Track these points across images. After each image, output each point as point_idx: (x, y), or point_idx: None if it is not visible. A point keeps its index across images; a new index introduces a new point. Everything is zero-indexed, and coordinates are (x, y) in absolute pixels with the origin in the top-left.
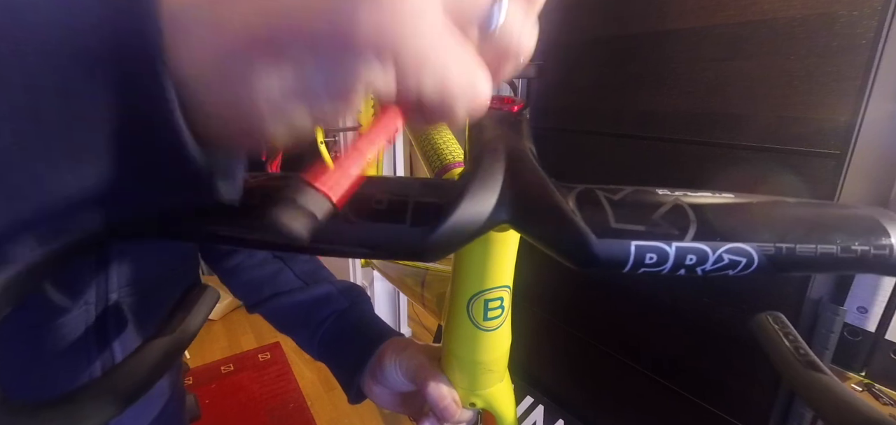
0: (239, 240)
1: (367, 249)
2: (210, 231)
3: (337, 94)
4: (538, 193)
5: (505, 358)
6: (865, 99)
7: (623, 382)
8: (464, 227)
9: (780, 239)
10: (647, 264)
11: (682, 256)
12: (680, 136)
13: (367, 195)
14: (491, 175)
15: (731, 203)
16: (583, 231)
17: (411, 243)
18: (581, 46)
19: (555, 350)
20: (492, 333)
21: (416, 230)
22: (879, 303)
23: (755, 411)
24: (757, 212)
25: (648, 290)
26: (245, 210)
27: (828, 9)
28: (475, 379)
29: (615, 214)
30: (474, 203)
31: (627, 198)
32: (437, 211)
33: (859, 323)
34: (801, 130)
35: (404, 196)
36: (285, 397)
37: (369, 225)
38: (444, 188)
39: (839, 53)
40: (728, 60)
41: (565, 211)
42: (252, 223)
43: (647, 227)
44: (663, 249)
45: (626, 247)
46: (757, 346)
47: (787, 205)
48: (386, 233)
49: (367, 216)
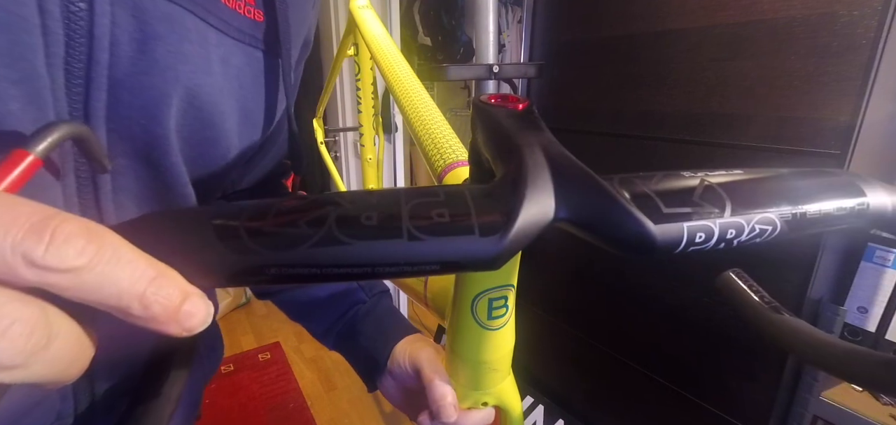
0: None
1: (437, 266)
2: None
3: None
4: (592, 188)
5: (509, 358)
6: (866, 99)
7: (623, 382)
8: (530, 230)
9: (794, 205)
10: (696, 243)
11: (723, 231)
12: (680, 136)
13: (427, 211)
14: (540, 174)
15: (750, 178)
16: (642, 221)
17: (483, 254)
18: (581, 46)
19: (555, 350)
20: (496, 332)
21: (486, 241)
22: (879, 303)
23: (755, 411)
24: (772, 184)
25: (649, 291)
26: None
27: (828, 9)
28: (479, 379)
29: (663, 200)
30: (536, 205)
31: (665, 183)
32: (502, 218)
33: (859, 323)
34: (801, 130)
35: (465, 208)
36: (285, 397)
37: (439, 241)
38: (495, 194)
39: (839, 53)
40: (728, 60)
41: (623, 203)
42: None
43: (692, 209)
44: (709, 227)
45: (680, 229)
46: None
47: (789, 176)
48: (456, 247)
49: (434, 232)
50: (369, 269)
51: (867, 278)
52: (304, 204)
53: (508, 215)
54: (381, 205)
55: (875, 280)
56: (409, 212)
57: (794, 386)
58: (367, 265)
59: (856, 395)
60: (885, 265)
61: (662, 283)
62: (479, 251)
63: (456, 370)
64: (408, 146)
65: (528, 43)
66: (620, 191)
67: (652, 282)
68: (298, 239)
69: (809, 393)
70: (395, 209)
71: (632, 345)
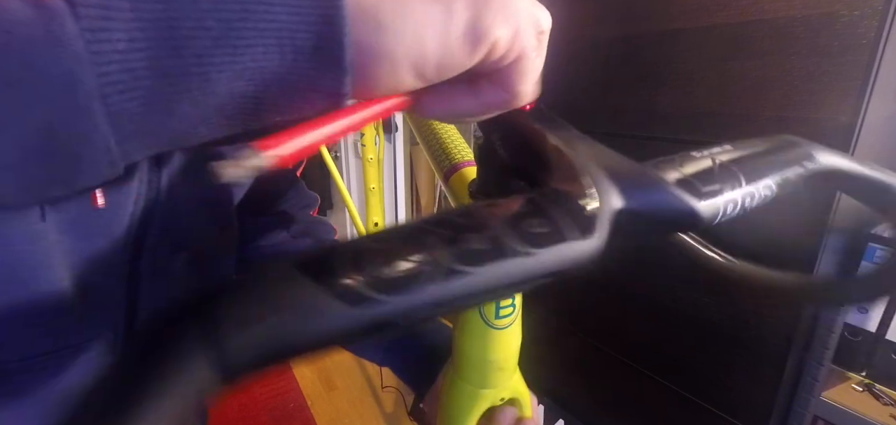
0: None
1: (549, 276)
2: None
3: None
4: (644, 177)
5: (516, 357)
6: (866, 99)
7: (623, 382)
8: (609, 223)
9: (782, 170)
10: (727, 213)
11: (743, 199)
12: (681, 136)
13: (523, 224)
14: (595, 170)
15: (747, 153)
16: (690, 202)
17: (588, 255)
18: (582, 46)
19: (555, 350)
20: (503, 331)
21: (587, 241)
22: (880, 302)
23: (755, 411)
24: (762, 155)
25: (649, 290)
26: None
27: (829, 9)
28: (487, 378)
29: (699, 181)
30: (606, 198)
31: (689, 165)
32: (589, 217)
33: (860, 323)
34: (801, 130)
35: (553, 214)
36: (285, 397)
37: (548, 252)
38: (567, 195)
39: (840, 53)
40: (729, 60)
41: (673, 188)
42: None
43: (720, 185)
44: (735, 199)
45: (716, 204)
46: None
47: (765, 144)
48: (565, 254)
49: (541, 244)
50: (492, 294)
51: None
52: (389, 241)
53: (594, 213)
54: (476, 227)
55: None
56: (509, 228)
57: (794, 386)
58: (489, 291)
59: (856, 395)
60: None
61: (662, 283)
62: (584, 253)
63: (463, 369)
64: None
65: None
66: (664, 177)
67: (651, 283)
68: (423, 277)
69: (809, 393)
70: (494, 229)
71: (632, 345)
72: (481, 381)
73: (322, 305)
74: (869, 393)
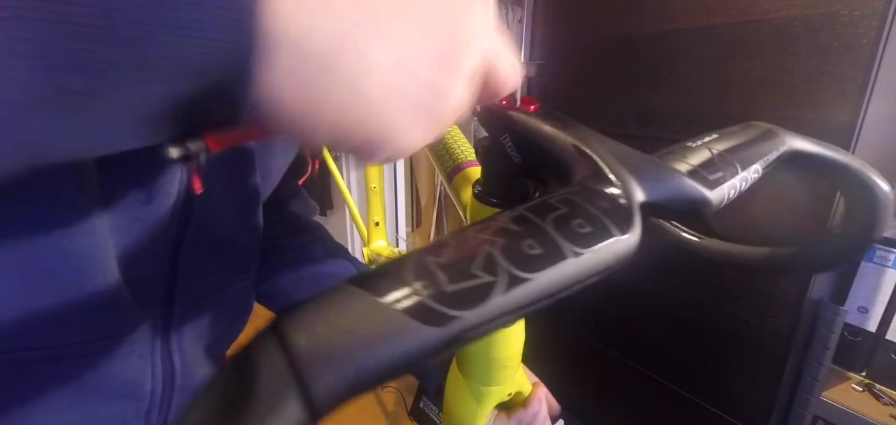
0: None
1: (597, 275)
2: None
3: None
4: (659, 170)
5: (519, 354)
6: (866, 99)
7: (623, 382)
8: (638, 216)
9: (765, 155)
10: (730, 198)
11: (740, 184)
12: (681, 136)
13: (568, 225)
14: (614, 164)
15: (738, 142)
16: (702, 191)
17: (629, 250)
18: (582, 46)
19: (555, 349)
20: (507, 329)
21: (627, 237)
22: (880, 302)
23: (755, 411)
24: (749, 142)
25: (649, 290)
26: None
27: (829, 9)
28: (491, 375)
29: (705, 170)
30: (630, 191)
31: (692, 156)
32: (623, 212)
33: (860, 323)
34: (802, 130)
35: (590, 212)
36: None
37: (595, 251)
38: (596, 192)
39: (840, 53)
40: (729, 60)
41: (686, 179)
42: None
43: (723, 172)
44: (735, 184)
45: (722, 191)
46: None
47: (747, 131)
48: (610, 251)
49: (587, 244)
50: (547, 299)
51: (867, 278)
52: (447, 252)
53: (627, 208)
54: (525, 232)
55: (875, 280)
56: (556, 230)
57: (794, 386)
58: (546, 296)
59: (856, 395)
60: (886, 265)
61: (662, 283)
62: (626, 248)
63: (468, 367)
64: None
65: (528, 43)
66: (678, 169)
67: (651, 282)
68: (489, 288)
69: (809, 393)
70: (541, 232)
71: (632, 345)
72: (486, 379)
73: (404, 328)
74: (869, 393)
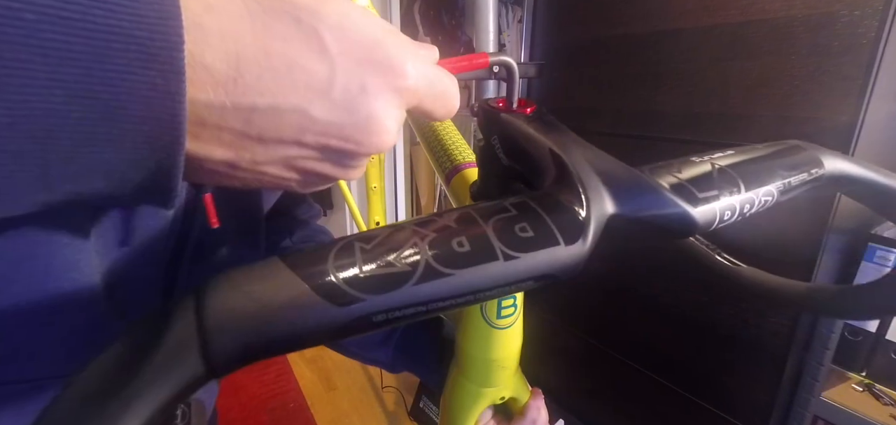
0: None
1: (532, 281)
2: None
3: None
4: (637, 183)
5: (517, 356)
6: (866, 99)
7: (623, 382)
8: (599, 230)
9: (785, 176)
10: (724, 220)
11: (741, 206)
12: (681, 136)
13: (510, 228)
14: (588, 175)
15: (748, 158)
16: (685, 208)
17: (573, 261)
18: (581, 46)
19: (555, 349)
20: (505, 331)
21: (572, 248)
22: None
23: (755, 411)
24: (765, 162)
25: (648, 291)
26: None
27: (829, 9)
28: (489, 376)
29: (695, 187)
30: (597, 205)
31: (687, 170)
32: (577, 223)
33: (859, 323)
34: (802, 130)
35: (541, 219)
36: (285, 397)
37: (532, 256)
38: (557, 200)
39: (840, 53)
40: (729, 60)
41: (667, 194)
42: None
43: (718, 191)
44: (733, 204)
45: (713, 210)
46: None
47: (769, 149)
48: (549, 259)
49: (525, 248)
50: (471, 297)
51: (867, 278)
52: (376, 241)
53: (582, 219)
54: (462, 229)
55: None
56: (494, 231)
57: (794, 386)
58: (470, 293)
59: (856, 395)
60: (886, 265)
61: (662, 283)
62: (569, 259)
63: (466, 368)
64: (408, 145)
65: (528, 43)
66: (659, 183)
67: (652, 282)
68: (401, 278)
69: (809, 393)
70: (478, 230)
71: (632, 345)
72: (483, 380)
73: (306, 303)
74: (869, 393)
